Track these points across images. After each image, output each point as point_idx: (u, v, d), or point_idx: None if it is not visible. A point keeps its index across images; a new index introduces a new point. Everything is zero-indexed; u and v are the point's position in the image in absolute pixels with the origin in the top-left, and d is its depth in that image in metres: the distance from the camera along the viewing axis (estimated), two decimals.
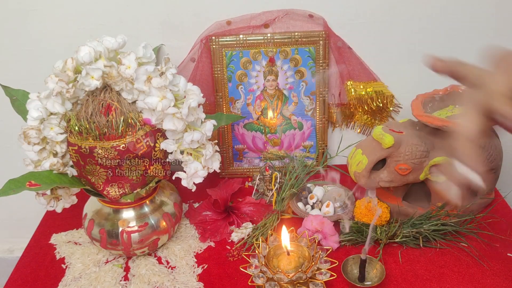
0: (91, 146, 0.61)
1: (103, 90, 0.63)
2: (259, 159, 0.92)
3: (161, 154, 0.67)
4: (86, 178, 0.65)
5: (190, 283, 0.67)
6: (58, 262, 0.73)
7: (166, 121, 0.63)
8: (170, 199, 0.73)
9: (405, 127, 0.72)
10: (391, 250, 0.71)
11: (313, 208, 0.78)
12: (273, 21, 0.81)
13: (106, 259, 0.73)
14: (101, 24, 0.81)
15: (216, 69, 0.83)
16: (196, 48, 0.83)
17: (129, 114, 0.62)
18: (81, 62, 0.60)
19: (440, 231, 0.71)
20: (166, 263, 0.72)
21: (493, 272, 0.67)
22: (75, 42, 0.65)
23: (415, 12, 0.81)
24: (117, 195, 0.66)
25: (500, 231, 0.73)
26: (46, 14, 0.81)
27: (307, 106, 0.87)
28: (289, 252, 0.64)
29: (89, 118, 0.61)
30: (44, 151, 0.64)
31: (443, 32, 0.83)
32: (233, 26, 0.82)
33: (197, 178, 0.67)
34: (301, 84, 0.85)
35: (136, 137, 0.63)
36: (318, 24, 0.81)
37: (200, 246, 0.75)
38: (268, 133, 0.90)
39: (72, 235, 0.79)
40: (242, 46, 0.82)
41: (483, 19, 0.81)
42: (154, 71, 0.61)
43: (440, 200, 0.72)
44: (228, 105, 0.87)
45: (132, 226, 0.68)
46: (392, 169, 0.70)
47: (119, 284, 0.68)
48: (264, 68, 0.84)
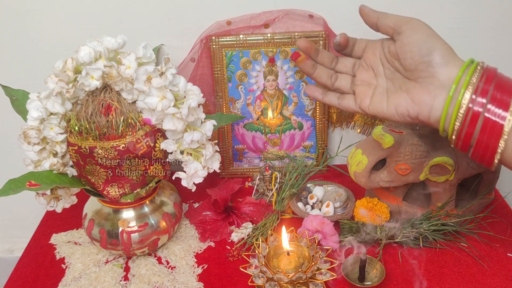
0: (91, 146, 0.61)
1: (103, 90, 0.63)
2: (259, 159, 0.92)
3: (161, 154, 0.67)
4: (86, 178, 0.65)
5: (190, 283, 0.68)
6: (58, 262, 0.73)
7: (166, 121, 0.63)
8: (170, 199, 0.73)
9: (405, 127, 0.72)
10: (391, 250, 0.71)
11: (313, 208, 0.78)
12: (273, 21, 0.81)
13: (106, 259, 0.73)
14: (101, 24, 0.81)
15: (216, 69, 0.83)
16: (196, 48, 0.83)
17: (129, 114, 0.63)
18: (81, 62, 0.60)
19: (440, 231, 0.71)
20: (166, 263, 0.72)
21: (493, 272, 0.67)
22: (75, 42, 0.65)
23: (415, 12, 0.80)
24: (117, 195, 0.66)
25: (500, 231, 0.73)
26: (46, 14, 0.81)
27: (307, 106, 0.87)
28: (289, 252, 0.64)
29: (89, 118, 0.61)
30: (44, 151, 0.64)
31: (443, 32, 0.82)
32: (233, 26, 0.82)
33: (197, 178, 0.67)
34: (301, 84, 0.85)
35: (136, 137, 0.63)
36: (318, 24, 0.81)
37: (200, 246, 0.75)
38: (268, 133, 0.90)
39: (72, 235, 0.79)
40: (242, 46, 0.82)
41: (484, 19, 0.81)
42: (154, 71, 0.61)
43: (440, 200, 0.72)
44: (228, 105, 0.87)
45: (132, 226, 0.68)
46: (392, 169, 0.70)
47: (119, 284, 0.68)
48: (264, 68, 0.84)
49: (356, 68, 0.57)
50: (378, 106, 0.54)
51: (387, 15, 0.53)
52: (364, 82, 0.56)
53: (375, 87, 0.55)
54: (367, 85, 0.55)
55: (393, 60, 0.53)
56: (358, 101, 0.55)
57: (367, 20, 0.54)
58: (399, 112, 0.52)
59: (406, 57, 0.50)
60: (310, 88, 0.59)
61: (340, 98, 0.57)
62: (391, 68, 0.54)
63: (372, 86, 0.55)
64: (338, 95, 0.57)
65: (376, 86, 0.55)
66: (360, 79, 0.56)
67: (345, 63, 0.58)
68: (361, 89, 0.56)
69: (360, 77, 0.56)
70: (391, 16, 0.53)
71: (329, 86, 0.57)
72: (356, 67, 0.57)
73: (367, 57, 0.56)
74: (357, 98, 0.55)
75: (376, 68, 0.55)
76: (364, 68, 0.56)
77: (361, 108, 0.55)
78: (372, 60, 0.56)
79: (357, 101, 0.55)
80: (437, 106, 0.49)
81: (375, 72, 0.55)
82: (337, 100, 0.57)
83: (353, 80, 0.57)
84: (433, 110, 0.49)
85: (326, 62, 0.58)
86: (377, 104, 0.54)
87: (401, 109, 0.52)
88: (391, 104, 0.52)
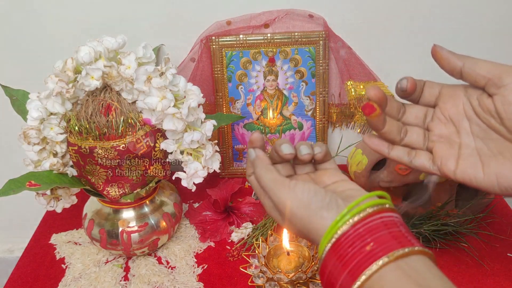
0: (91, 146, 0.61)
1: (103, 90, 0.63)
2: None
3: (161, 154, 0.67)
4: (86, 178, 0.65)
5: (190, 283, 0.68)
6: (58, 262, 0.73)
7: (166, 121, 0.63)
8: (170, 199, 0.73)
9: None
10: None
11: None
12: (273, 21, 0.81)
13: (106, 259, 0.73)
14: (101, 24, 0.81)
15: (216, 69, 0.83)
16: (196, 48, 0.83)
17: (129, 114, 0.63)
18: (81, 62, 0.60)
19: (440, 231, 0.71)
20: (166, 263, 0.72)
21: (493, 272, 0.67)
22: (75, 42, 0.65)
23: (416, 12, 0.81)
24: (117, 195, 0.66)
25: (500, 231, 0.73)
26: (46, 14, 0.81)
27: (307, 106, 0.87)
28: (289, 252, 0.64)
29: (89, 118, 0.61)
30: (44, 151, 0.64)
31: (444, 32, 0.83)
32: (233, 26, 0.82)
33: (197, 178, 0.67)
34: (301, 84, 0.85)
35: (136, 137, 0.63)
36: (318, 24, 0.81)
37: (200, 246, 0.75)
38: (268, 133, 0.90)
39: (72, 235, 0.79)
40: (242, 46, 0.82)
41: (485, 20, 0.81)
42: (154, 71, 0.61)
43: (440, 200, 0.72)
44: (228, 105, 0.87)
45: (132, 226, 0.68)
46: (392, 169, 0.70)
47: (119, 284, 0.68)
48: (264, 68, 0.84)
49: (429, 119, 0.47)
50: (471, 173, 0.43)
51: (477, 60, 0.42)
52: (443, 139, 0.45)
53: (459, 146, 0.44)
54: (449, 143, 0.45)
55: (487, 118, 0.42)
56: (438, 162, 0.45)
57: (445, 65, 0.44)
58: (503, 185, 0.41)
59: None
60: (373, 141, 0.47)
61: (411, 155, 0.47)
62: (482, 125, 0.43)
63: (455, 144, 0.45)
64: (408, 151, 0.47)
65: (461, 145, 0.44)
66: (437, 135, 0.46)
67: (415, 113, 0.47)
68: (441, 147, 0.45)
69: (437, 132, 0.46)
70: (482, 63, 0.42)
71: (397, 142, 0.47)
72: (428, 119, 0.47)
73: (445, 107, 0.45)
74: (437, 159, 0.45)
75: (458, 122, 0.45)
76: (442, 121, 0.46)
77: (443, 172, 0.45)
78: (452, 112, 0.45)
79: (436, 162, 0.45)
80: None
81: (457, 127, 0.45)
82: (407, 157, 0.47)
83: (427, 134, 0.47)
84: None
85: (394, 112, 0.47)
86: (468, 170, 0.43)
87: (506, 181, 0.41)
88: (491, 174, 0.42)
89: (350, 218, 0.37)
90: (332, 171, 0.47)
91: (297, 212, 0.41)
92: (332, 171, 0.47)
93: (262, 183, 0.44)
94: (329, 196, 0.40)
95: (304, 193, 0.41)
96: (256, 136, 0.47)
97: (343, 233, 0.37)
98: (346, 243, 0.37)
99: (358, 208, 0.38)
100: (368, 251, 0.35)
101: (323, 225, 0.39)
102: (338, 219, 0.38)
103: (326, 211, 0.39)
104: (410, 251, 0.35)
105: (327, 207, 0.39)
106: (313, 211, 0.40)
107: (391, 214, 0.39)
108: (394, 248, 0.35)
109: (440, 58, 0.43)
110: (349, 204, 0.39)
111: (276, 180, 0.43)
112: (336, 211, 0.39)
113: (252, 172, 0.46)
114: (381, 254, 0.35)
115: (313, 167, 0.49)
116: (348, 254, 0.36)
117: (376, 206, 0.38)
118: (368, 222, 0.37)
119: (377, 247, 0.35)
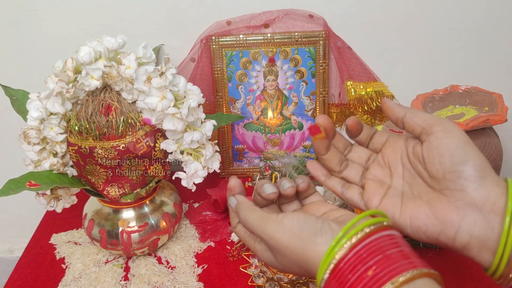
0: (91, 146, 0.61)
1: (103, 90, 0.63)
2: (259, 159, 0.92)
3: (161, 154, 0.67)
4: (86, 178, 0.65)
5: (190, 283, 0.68)
6: (58, 262, 0.73)
7: (166, 121, 0.63)
8: (170, 199, 0.73)
9: None
10: None
11: None
12: (273, 21, 0.81)
13: (106, 259, 0.73)
14: (101, 24, 0.81)
15: (216, 69, 0.83)
16: (196, 48, 0.83)
17: (129, 114, 0.63)
18: (81, 62, 0.60)
19: None
20: (166, 263, 0.72)
21: None
22: (75, 42, 0.65)
23: (415, 12, 0.81)
24: (117, 195, 0.66)
25: None
26: (46, 14, 0.81)
27: (307, 106, 0.87)
28: None
29: (89, 118, 0.61)
30: (44, 151, 0.64)
31: (444, 33, 0.83)
32: (233, 26, 0.82)
33: (197, 178, 0.67)
34: (301, 84, 0.85)
35: (136, 137, 0.63)
36: (318, 24, 0.81)
37: (200, 246, 0.75)
38: (268, 133, 0.90)
39: (72, 235, 0.79)
40: (242, 46, 0.82)
41: (484, 20, 0.81)
42: (154, 71, 0.61)
43: None
44: (228, 105, 0.87)
45: (132, 226, 0.68)
46: None
47: (119, 284, 0.68)
48: (264, 68, 0.84)
49: (371, 161, 0.49)
50: (390, 211, 0.44)
51: (416, 112, 0.45)
52: (376, 178, 0.48)
53: (388, 187, 0.47)
54: (380, 183, 0.47)
55: (416, 163, 0.45)
56: (365, 197, 0.47)
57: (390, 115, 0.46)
58: (415, 225, 0.42)
59: (434, 162, 0.42)
60: (313, 166, 0.50)
61: (345, 187, 0.49)
62: (412, 171, 0.46)
63: (385, 185, 0.47)
64: (343, 183, 0.49)
65: (390, 187, 0.46)
66: (373, 174, 0.48)
67: (359, 154, 0.50)
68: (372, 185, 0.47)
69: (373, 172, 0.48)
70: (420, 114, 0.44)
71: (336, 172, 0.49)
72: (370, 161, 0.49)
73: (386, 153, 0.48)
74: (365, 195, 0.47)
75: (394, 168, 0.47)
76: (380, 164, 0.48)
77: (367, 207, 0.46)
78: (391, 157, 0.48)
79: (364, 197, 0.47)
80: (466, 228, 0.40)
81: (392, 171, 0.47)
82: (341, 188, 0.49)
83: (365, 173, 0.49)
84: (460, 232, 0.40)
85: (341, 147, 0.50)
86: (388, 208, 0.45)
87: (418, 222, 0.42)
88: (406, 214, 0.43)
89: (348, 240, 0.35)
90: (319, 203, 0.46)
91: (289, 244, 0.38)
92: (319, 203, 0.46)
93: (249, 225, 0.42)
94: (321, 221, 0.38)
95: (293, 222, 0.39)
96: (233, 182, 0.45)
97: (341, 258, 0.35)
98: (345, 269, 0.34)
99: (355, 229, 0.36)
100: (371, 276, 0.33)
101: (318, 253, 0.36)
102: (334, 244, 0.35)
103: (320, 237, 0.37)
104: (415, 275, 0.34)
105: (320, 233, 0.37)
106: (305, 239, 0.37)
107: (391, 232, 0.37)
108: (398, 272, 0.33)
109: (386, 108, 0.46)
110: (343, 227, 0.36)
111: (262, 217, 0.41)
112: (330, 235, 0.37)
113: (237, 222, 0.44)
114: (385, 279, 0.33)
115: (299, 203, 0.48)
116: (349, 281, 0.34)
117: (373, 225, 0.36)
118: (367, 244, 0.35)
119: (380, 271, 0.33)
